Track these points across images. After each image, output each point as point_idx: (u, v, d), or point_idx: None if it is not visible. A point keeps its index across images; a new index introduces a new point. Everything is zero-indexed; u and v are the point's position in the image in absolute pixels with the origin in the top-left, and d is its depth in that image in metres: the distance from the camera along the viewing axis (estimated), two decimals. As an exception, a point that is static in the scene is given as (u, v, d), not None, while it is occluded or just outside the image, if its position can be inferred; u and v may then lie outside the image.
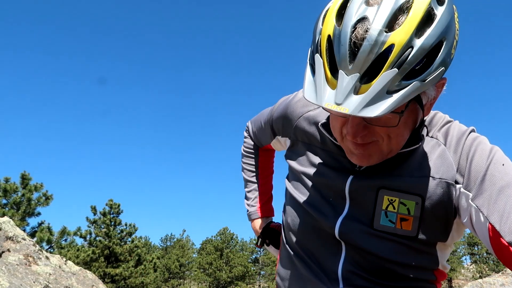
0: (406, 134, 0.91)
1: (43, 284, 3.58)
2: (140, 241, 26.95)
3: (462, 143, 0.93)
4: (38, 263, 3.84)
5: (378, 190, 0.96)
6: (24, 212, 16.84)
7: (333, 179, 1.02)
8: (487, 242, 0.86)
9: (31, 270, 3.68)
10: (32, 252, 3.88)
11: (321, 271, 1.03)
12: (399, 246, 0.96)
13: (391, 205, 0.95)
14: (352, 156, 0.93)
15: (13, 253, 3.74)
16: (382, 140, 0.88)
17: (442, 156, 0.94)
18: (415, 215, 0.94)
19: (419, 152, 0.97)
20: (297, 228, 1.10)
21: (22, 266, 3.63)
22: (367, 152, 0.90)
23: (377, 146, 0.89)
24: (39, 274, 3.72)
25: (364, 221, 0.97)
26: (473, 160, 0.90)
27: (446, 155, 0.94)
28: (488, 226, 0.84)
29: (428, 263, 0.98)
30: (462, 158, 0.92)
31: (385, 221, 0.96)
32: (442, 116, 1.02)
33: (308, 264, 1.06)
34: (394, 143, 0.90)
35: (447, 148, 0.95)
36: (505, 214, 0.82)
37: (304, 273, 1.07)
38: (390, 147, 0.90)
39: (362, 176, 0.99)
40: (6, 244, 3.80)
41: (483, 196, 0.86)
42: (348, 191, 1.00)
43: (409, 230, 0.94)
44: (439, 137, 0.98)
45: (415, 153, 0.97)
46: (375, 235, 0.96)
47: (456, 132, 0.96)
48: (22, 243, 3.91)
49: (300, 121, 1.14)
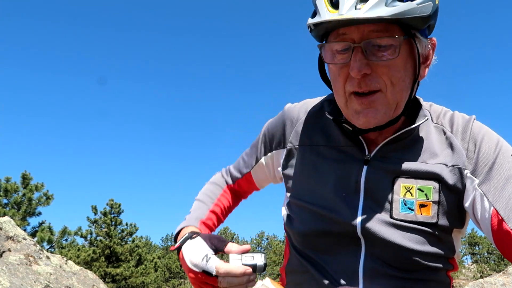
0: (408, 82, 0.93)
1: (44, 283, 3.58)
2: (140, 240, 26.97)
3: (469, 130, 0.97)
4: (38, 263, 3.84)
5: (394, 179, 0.96)
6: (25, 211, 16.86)
7: (345, 173, 1.00)
8: (488, 228, 0.89)
9: (32, 270, 3.68)
10: (32, 252, 3.88)
11: (340, 272, 0.98)
12: (419, 235, 0.94)
13: (408, 192, 0.95)
14: (358, 117, 0.93)
15: (14, 253, 3.75)
16: (385, 88, 0.90)
17: (450, 142, 0.98)
18: (434, 199, 0.94)
19: (428, 138, 0.99)
20: (310, 235, 1.03)
21: (22, 265, 3.63)
22: (373, 106, 0.91)
23: (382, 97, 0.91)
24: (39, 274, 3.72)
25: (383, 212, 0.96)
26: (481, 147, 0.94)
27: (455, 142, 0.97)
28: (492, 212, 0.87)
29: (446, 251, 0.98)
30: (470, 145, 0.95)
31: (404, 209, 0.95)
32: (440, 107, 1.07)
33: (324, 270, 1.00)
34: (398, 91, 0.91)
35: (454, 135, 0.98)
36: (510, 202, 0.85)
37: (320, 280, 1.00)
38: (394, 97, 0.91)
39: (375, 163, 0.99)
40: (6, 243, 3.80)
41: (490, 183, 0.90)
42: (364, 182, 0.98)
43: (429, 215, 0.94)
44: (445, 124, 1.01)
45: (424, 138, 0.99)
46: (396, 225, 0.94)
47: (461, 120, 1.00)
48: (23, 242, 3.92)
49: (301, 123, 1.12)
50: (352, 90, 0.92)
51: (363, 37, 0.88)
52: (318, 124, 1.09)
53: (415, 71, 0.95)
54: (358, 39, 0.88)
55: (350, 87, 0.92)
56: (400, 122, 1.00)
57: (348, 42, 0.89)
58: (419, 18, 0.87)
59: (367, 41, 0.88)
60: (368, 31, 0.88)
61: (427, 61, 0.98)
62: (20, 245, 3.88)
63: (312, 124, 1.11)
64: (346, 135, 1.03)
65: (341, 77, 0.93)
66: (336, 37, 0.92)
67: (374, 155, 0.99)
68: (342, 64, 0.92)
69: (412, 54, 0.93)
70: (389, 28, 0.88)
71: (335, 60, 0.93)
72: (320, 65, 1.03)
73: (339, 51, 0.92)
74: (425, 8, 0.88)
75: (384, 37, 0.87)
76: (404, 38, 0.88)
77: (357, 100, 0.92)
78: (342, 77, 0.93)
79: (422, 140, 0.99)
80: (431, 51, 0.98)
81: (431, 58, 0.98)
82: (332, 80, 0.98)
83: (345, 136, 1.03)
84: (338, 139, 1.04)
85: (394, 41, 0.88)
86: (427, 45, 0.96)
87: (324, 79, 1.04)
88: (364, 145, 1.01)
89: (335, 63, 0.93)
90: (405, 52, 0.91)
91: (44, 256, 4.01)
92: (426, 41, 0.95)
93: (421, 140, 0.99)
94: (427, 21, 0.90)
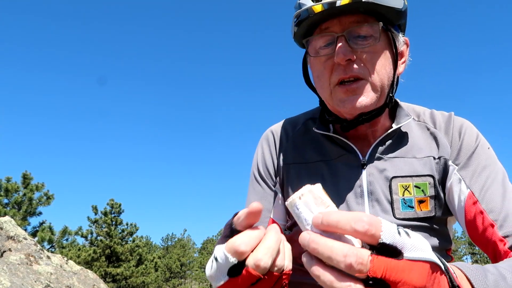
0: (388, 69, 0.98)
1: (44, 283, 3.58)
2: (141, 240, 26.98)
3: (451, 125, 1.05)
4: (39, 263, 3.85)
5: (391, 179, 1.00)
6: (26, 211, 16.86)
7: (346, 181, 1.02)
8: (461, 208, 0.96)
9: (33, 270, 3.69)
10: (33, 252, 3.88)
11: None
12: (420, 231, 0.97)
13: (406, 190, 1.00)
14: (344, 104, 0.95)
15: (15, 253, 3.75)
16: (369, 76, 0.95)
17: (435, 137, 1.05)
18: (431, 194, 1.00)
19: (413, 134, 1.06)
20: None
21: (23, 265, 3.64)
22: (358, 92, 0.95)
23: (366, 84, 0.95)
24: (40, 273, 3.72)
25: (386, 213, 0.98)
26: (464, 138, 1.03)
27: (439, 136, 1.05)
28: (468, 193, 0.96)
29: (444, 243, 1.02)
30: (454, 137, 1.04)
31: (405, 208, 0.99)
32: (418, 106, 1.14)
33: None
34: (381, 77, 0.96)
35: (438, 130, 1.06)
36: (485, 187, 0.95)
37: None
38: (378, 83, 0.96)
39: (371, 165, 1.02)
40: (7, 243, 3.81)
41: (469, 169, 0.99)
42: (367, 185, 1.00)
43: (428, 210, 0.99)
44: (427, 121, 1.08)
45: (409, 135, 1.05)
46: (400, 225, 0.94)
47: (442, 117, 1.08)
48: (24, 242, 3.92)
49: (292, 140, 1.13)
50: (337, 79, 0.95)
51: (345, 28, 0.94)
52: (308, 141, 1.11)
53: (394, 63, 1.00)
54: (340, 30, 0.94)
55: (336, 76, 0.95)
56: (386, 121, 1.05)
57: (332, 33, 0.95)
58: (393, 10, 0.94)
59: (349, 30, 0.93)
60: (349, 22, 0.94)
61: (403, 57, 1.05)
62: (20, 245, 3.88)
63: (301, 142, 1.12)
64: (338, 146, 1.06)
65: (326, 70, 0.97)
66: (319, 32, 0.97)
67: (369, 158, 1.03)
68: (327, 57, 0.96)
69: (390, 45, 1.00)
70: (368, 20, 0.94)
71: (319, 55, 0.98)
72: (304, 71, 1.08)
73: (322, 47, 0.97)
74: (398, 2, 0.95)
75: (364, 26, 0.93)
76: (382, 27, 0.95)
77: (341, 89, 0.95)
78: (327, 69, 0.97)
79: (408, 137, 1.05)
80: (405, 49, 1.05)
81: (406, 56, 1.06)
82: (317, 77, 1.01)
83: (337, 146, 1.06)
84: (331, 152, 1.07)
85: (373, 30, 0.94)
86: (401, 41, 1.02)
87: (308, 84, 1.09)
88: (357, 151, 1.03)
89: (320, 56, 0.98)
90: (384, 43, 0.97)
91: (44, 256, 4.01)
92: (400, 36, 1.02)
93: (407, 137, 1.05)
94: (399, 15, 0.97)
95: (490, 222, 0.91)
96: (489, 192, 0.94)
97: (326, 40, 0.96)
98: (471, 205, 0.95)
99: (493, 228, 0.90)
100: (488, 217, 0.91)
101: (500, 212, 0.91)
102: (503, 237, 0.89)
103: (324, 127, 1.07)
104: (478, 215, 0.93)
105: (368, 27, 0.93)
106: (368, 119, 0.98)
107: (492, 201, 0.93)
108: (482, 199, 0.93)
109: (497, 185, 0.95)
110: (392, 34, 0.99)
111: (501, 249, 0.88)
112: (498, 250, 0.89)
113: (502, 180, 0.97)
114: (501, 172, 0.99)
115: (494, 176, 0.97)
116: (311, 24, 0.97)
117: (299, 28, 0.98)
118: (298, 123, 1.17)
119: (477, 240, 0.94)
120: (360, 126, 1.01)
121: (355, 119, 0.98)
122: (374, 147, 1.03)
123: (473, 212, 0.94)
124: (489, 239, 0.91)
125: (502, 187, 0.95)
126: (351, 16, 0.94)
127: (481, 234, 0.93)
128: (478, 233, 0.93)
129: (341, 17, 0.94)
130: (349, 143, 1.04)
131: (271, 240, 0.56)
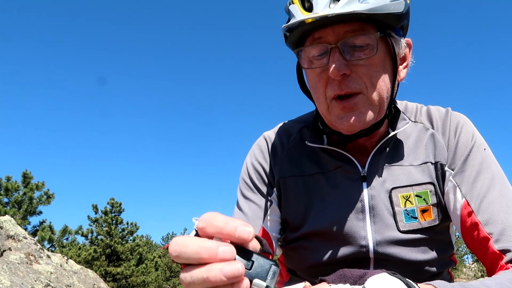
0: (388, 82, 0.92)
1: (45, 282, 3.58)
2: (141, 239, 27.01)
3: (448, 124, 1.00)
4: (39, 262, 3.84)
5: (391, 191, 0.95)
6: (26, 210, 16.86)
7: (346, 195, 0.97)
8: (457, 218, 0.92)
9: (33, 269, 3.68)
10: (33, 251, 3.88)
11: None
12: (425, 242, 0.95)
13: (407, 201, 0.95)
14: (341, 122, 0.90)
15: (15, 252, 3.74)
16: (366, 90, 0.89)
17: (433, 139, 0.99)
18: (433, 202, 0.96)
19: (409, 138, 1.00)
20: (317, 266, 0.99)
21: (23, 264, 3.63)
22: (356, 109, 0.89)
23: (363, 99, 0.89)
24: (40, 273, 3.72)
25: (390, 227, 0.94)
26: (459, 139, 0.97)
27: (437, 138, 0.99)
28: (464, 203, 0.91)
29: (447, 249, 1.00)
30: (450, 138, 0.98)
31: (408, 219, 0.95)
32: (414, 104, 1.08)
33: None
34: (379, 91, 0.90)
35: (436, 131, 1.00)
36: (480, 195, 0.90)
37: None
38: (376, 98, 0.90)
39: (372, 177, 0.97)
40: (7, 242, 3.80)
41: (464, 174, 0.94)
42: (368, 199, 0.96)
43: (432, 219, 0.95)
44: (424, 121, 1.02)
45: (406, 140, 1.00)
46: (404, 239, 0.94)
47: (439, 114, 1.02)
48: (24, 242, 3.92)
49: (287, 152, 1.06)
50: (333, 94, 0.89)
51: (339, 38, 0.87)
52: (304, 152, 1.05)
53: (394, 71, 0.94)
54: (334, 41, 0.87)
55: (331, 91, 0.89)
56: (383, 128, 0.99)
57: (325, 44, 0.88)
58: (393, 15, 0.86)
59: (344, 41, 0.86)
60: (344, 32, 0.86)
61: (405, 61, 0.98)
62: (20, 244, 3.88)
63: (297, 153, 1.06)
64: (335, 157, 1.00)
65: (321, 83, 0.91)
66: (312, 42, 0.90)
67: (368, 170, 0.97)
68: (321, 69, 0.90)
69: (389, 53, 0.92)
70: (364, 27, 0.87)
71: (313, 66, 0.91)
72: (299, 77, 1.01)
73: (316, 56, 0.90)
74: (398, 6, 0.87)
75: (360, 35, 0.86)
76: (380, 35, 0.87)
77: (338, 104, 0.89)
78: (322, 82, 0.91)
79: (404, 143, 1.00)
80: (407, 52, 0.98)
81: (408, 59, 0.99)
82: (312, 88, 0.95)
83: (335, 158, 1.01)
84: (328, 164, 1.01)
85: (370, 39, 0.87)
86: (403, 45, 0.95)
87: (304, 91, 1.02)
88: (356, 162, 0.98)
89: (314, 68, 0.91)
90: (382, 52, 0.90)
91: (44, 255, 4.01)
92: (401, 40, 0.94)
93: (403, 143, 1.00)
94: (400, 19, 0.89)
95: (485, 235, 0.86)
96: (484, 202, 0.89)
97: (319, 50, 0.89)
98: (466, 215, 0.90)
99: (489, 242, 0.86)
100: (483, 230, 0.87)
101: (496, 224, 0.86)
102: (499, 251, 0.84)
103: (317, 139, 1.01)
104: (474, 226, 0.89)
105: (364, 37, 0.86)
106: (367, 133, 0.94)
107: (487, 212, 0.87)
108: (478, 210, 0.89)
109: (493, 192, 0.90)
110: (391, 40, 0.91)
111: (496, 263, 0.84)
112: (495, 264, 0.85)
113: (499, 186, 0.91)
114: (498, 176, 0.93)
115: (489, 183, 0.91)
116: (303, 33, 0.90)
117: (290, 36, 0.91)
118: (292, 132, 1.09)
119: (474, 250, 0.90)
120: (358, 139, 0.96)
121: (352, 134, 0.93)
122: (373, 156, 0.98)
123: (468, 222, 0.90)
124: (485, 252, 0.87)
125: (499, 195, 0.89)
126: (346, 25, 0.86)
127: (477, 245, 0.89)
128: (474, 244, 0.90)
129: (335, 26, 0.86)
130: (346, 154, 0.99)
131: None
